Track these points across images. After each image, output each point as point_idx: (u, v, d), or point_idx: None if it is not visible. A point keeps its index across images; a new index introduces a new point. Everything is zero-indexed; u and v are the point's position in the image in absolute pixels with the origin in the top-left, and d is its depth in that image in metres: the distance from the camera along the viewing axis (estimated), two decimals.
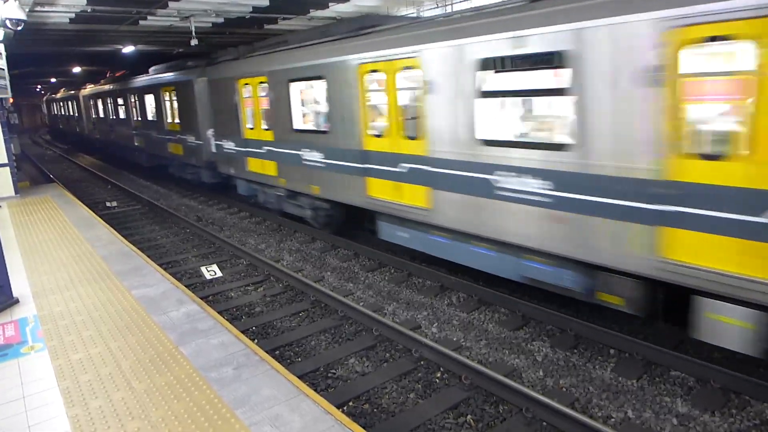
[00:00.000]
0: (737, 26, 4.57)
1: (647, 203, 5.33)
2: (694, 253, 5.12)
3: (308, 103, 11.31)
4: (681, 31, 4.90)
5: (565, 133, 6.14)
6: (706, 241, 5.02)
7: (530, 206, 6.49)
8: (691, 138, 5.15)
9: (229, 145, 13.99)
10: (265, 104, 12.16)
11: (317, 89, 10.80)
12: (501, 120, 7.35)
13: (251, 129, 12.87)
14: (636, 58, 5.23)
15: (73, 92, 36.12)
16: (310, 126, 11.14)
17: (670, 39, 4.97)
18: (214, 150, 15.13)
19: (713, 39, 4.76)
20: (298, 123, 11.15)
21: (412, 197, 8.40)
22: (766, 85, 4.48)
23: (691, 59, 5.02)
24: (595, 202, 5.82)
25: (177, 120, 17.47)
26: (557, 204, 6.17)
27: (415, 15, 15.15)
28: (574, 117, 5.85)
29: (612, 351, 6.47)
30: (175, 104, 17.44)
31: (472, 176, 7.23)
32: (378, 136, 8.93)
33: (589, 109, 5.72)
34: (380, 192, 9.07)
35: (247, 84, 12.65)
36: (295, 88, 10.99)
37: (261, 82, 11.97)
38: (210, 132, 15.27)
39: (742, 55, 4.85)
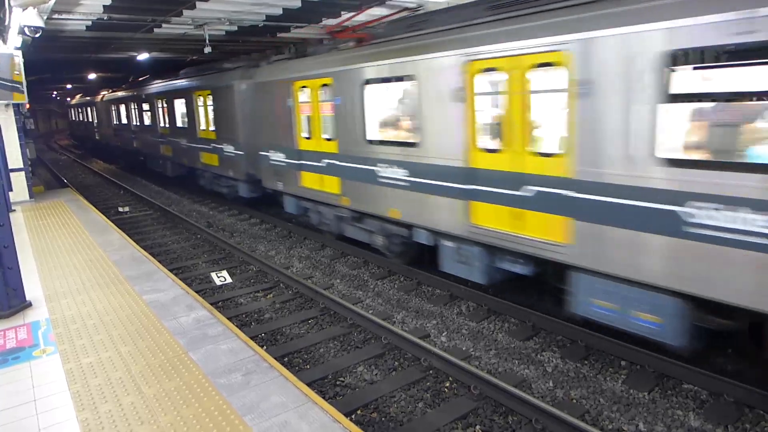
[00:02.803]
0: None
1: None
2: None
3: (390, 109, 9.52)
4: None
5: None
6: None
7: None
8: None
9: (277, 157, 12.43)
10: (327, 110, 10.52)
11: (404, 93, 9.15)
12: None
13: (307, 139, 11.30)
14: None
15: (91, 98, 34.83)
16: (391, 137, 9.29)
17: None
18: (257, 162, 13.57)
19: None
20: (373, 133, 9.43)
21: (543, 229, 6.60)
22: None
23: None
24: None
25: (212, 127, 16.07)
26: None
27: None
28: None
29: (623, 363, 6.40)
30: (211, 110, 15.95)
31: (647, 207, 5.50)
32: (492, 151, 7.13)
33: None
34: (491, 219, 7.23)
35: (304, 87, 11.11)
36: (372, 92, 9.29)
37: (324, 85, 10.41)
38: (253, 141, 13.82)
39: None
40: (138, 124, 23.78)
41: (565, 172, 6.17)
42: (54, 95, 57.73)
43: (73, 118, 47.09)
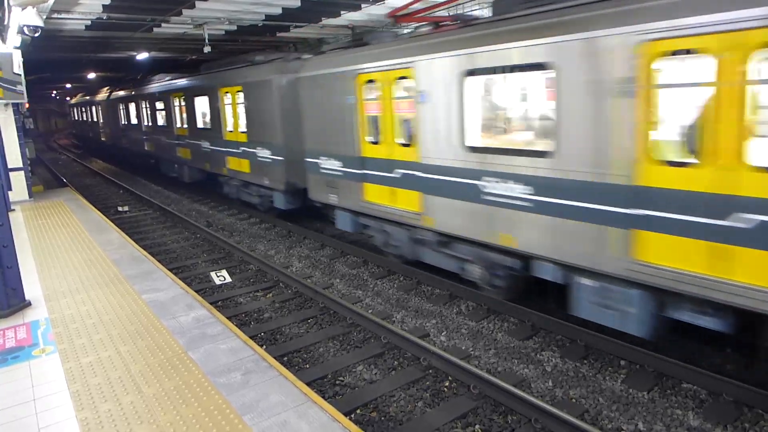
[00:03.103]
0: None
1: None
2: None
3: (504, 107, 7.91)
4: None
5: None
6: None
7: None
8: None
9: (330, 165, 10.55)
10: (404, 109, 8.79)
11: (531, 86, 7.50)
12: None
13: (374, 144, 9.36)
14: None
15: (96, 96, 32.27)
16: (504, 143, 7.57)
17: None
18: (301, 169, 11.80)
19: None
20: (475, 138, 7.58)
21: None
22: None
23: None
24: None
25: (242, 129, 14.03)
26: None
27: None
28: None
29: (622, 362, 6.41)
30: (241, 109, 13.92)
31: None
32: (681, 165, 5.28)
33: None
34: (674, 257, 5.41)
35: (372, 81, 9.14)
36: (476, 85, 7.48)
37: (400, 78, 8.55)
38: (296, 146, 12.04)
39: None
40: (150, 124, 21.93)
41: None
42: (53, 95, 57.73)
43: (76, 118, 44.12)
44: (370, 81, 9.22)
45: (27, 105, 17.25)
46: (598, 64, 5.77)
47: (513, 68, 6.75)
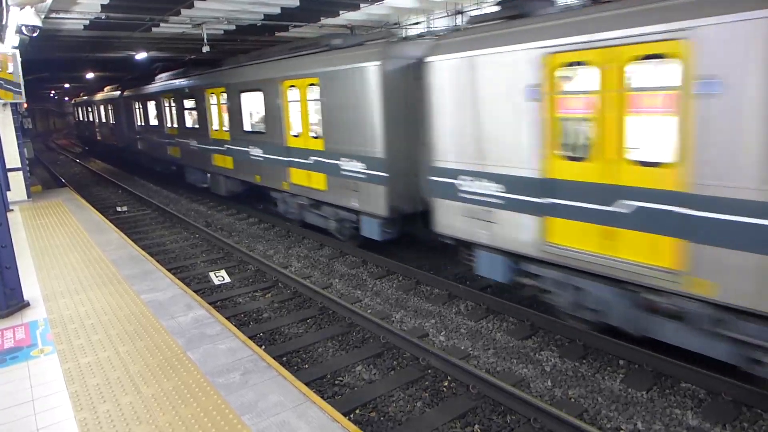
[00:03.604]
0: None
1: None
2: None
3: None
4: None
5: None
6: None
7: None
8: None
9: (481, 188, 7.45)
10: (650, 108, 5.78)
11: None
12: None
13: (573, 160, 6.27)
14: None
15: (104, 94, 29.51)
16: None
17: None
18: (412, 189, 9.32)
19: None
20: None
21: None
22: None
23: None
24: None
25: (316, 133, 11.05)
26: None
27: (424, 23, 15.21)
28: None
29: (621, 362, 6.41)
30: (315, 107, 10.96)
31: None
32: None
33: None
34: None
35: (578, 64, 6.13)
36: None
37: (647, 57, 5.45)
38: (406, 158, 9.31)
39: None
40: (174, 125, 19.06)
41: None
42: (52, 95, 57.68)
43: (81, 118, 40.11)
44: (576, 63, 6.19)
45: (26, 105, 17.23)
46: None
47: None
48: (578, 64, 6.14)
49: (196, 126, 17.11)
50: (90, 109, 34.90)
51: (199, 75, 16.86)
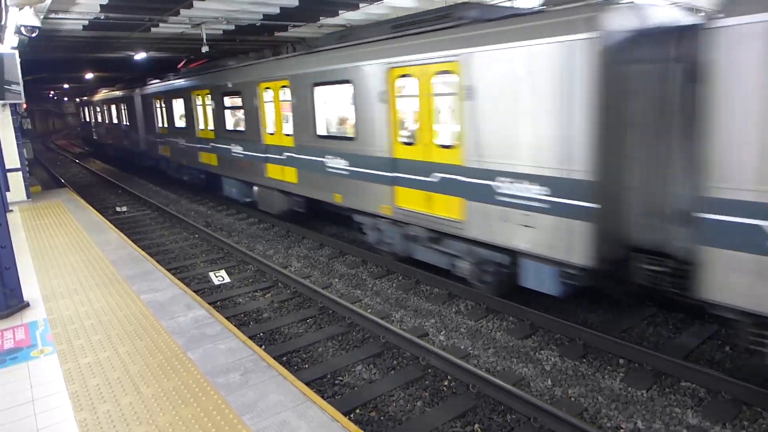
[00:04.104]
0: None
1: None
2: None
3: None
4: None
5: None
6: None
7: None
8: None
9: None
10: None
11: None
12: None
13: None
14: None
15: (120, 91, 25.60)
16: None
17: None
18: (632, 228, 6.37)
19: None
20: None
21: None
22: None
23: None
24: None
25: (450, 140, 8.13)
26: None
27: None
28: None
29: (621, 361, 6.41)
30: (450, 103, 8.21)
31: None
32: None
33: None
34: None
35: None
36: None
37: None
38: (623, 180, 6.34)
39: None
40: (208, 127, 15.98)
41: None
42: (51, 95, 57.67)
43: (87, 119, 36.37)
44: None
45: (25, 105, 17.22)
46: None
47: None
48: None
49: (240, 129, 14.23)
50: (98, 109, 31.44)
51: (249, 66, 13.73)
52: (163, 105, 19.65)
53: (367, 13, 14.13)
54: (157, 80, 20.82)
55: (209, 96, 15.46)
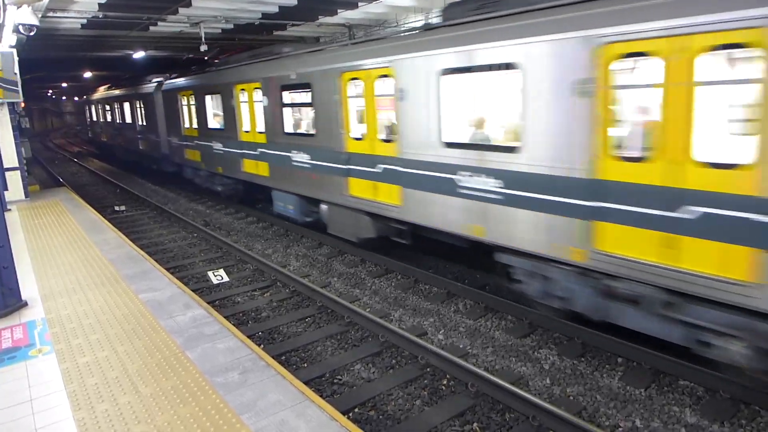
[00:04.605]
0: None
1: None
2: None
3: None
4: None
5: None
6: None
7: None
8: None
9: None
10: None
11: None
12: None
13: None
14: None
15: (138, 88, 22.15)
16: None
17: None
18: None
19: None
20: None
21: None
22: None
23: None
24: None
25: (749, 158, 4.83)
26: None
27: (423, 22, 15.20)
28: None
29: (620, 359, 6.42)
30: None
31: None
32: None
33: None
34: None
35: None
36: None
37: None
38: None
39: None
40: (256, 129, 13.13)
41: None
42: (49, 94, 57.58)
43: (95, 118, 32.79)
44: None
45: (23, 104, 17.18)
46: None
47: None
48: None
49: (305, 132, 11.59)
50: (108, 108, 28.28)
51: (326, 51, 10.76)
52: (193, 102, 16.49)
53: (365, 12, 14.13)
54: (182, 73, 18.49)
55: (260, 90, 12.43)
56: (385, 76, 8.81)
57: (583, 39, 5.82)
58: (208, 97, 15.65)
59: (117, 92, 26.23)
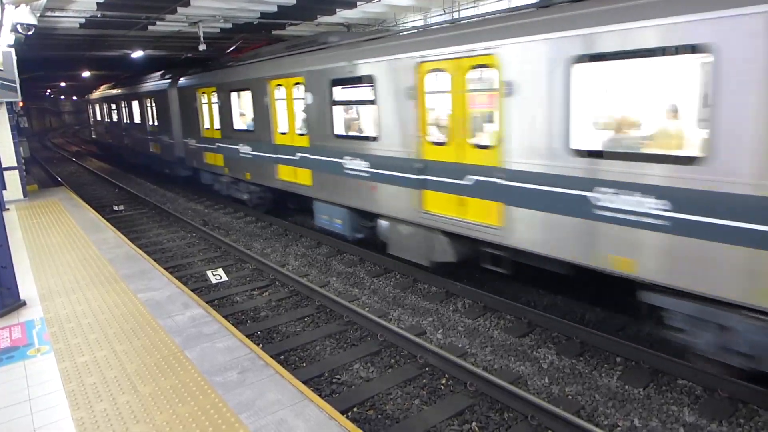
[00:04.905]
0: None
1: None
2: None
3: None
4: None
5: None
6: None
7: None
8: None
9: None
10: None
11: None
12: None
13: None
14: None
15: (149, 86, 20.41)
16: None
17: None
18: None
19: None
20: None
21: None
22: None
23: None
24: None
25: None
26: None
27: (421, 22, 15.20)
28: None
29: (618, 359, 6.43)
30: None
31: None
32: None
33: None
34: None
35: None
36: None
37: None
38: None
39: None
40: (295, 132, 11.43)
41: None
42: (48, 93, 57.48)
43: (99, 118, 30.45)
44: None
45: (21, 104, 17.15)
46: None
47: None
48: None
49: (360, 134, 10.08)
50: (113, 107, 26.26)
51: (403, 39, 8.88)
52: (215, 100, 14.83)
53: (364, 11, 14.12)
54: (203, 68, 16.75)
55: (302, 86, 10.81)
56: (484, 65, 7.09)
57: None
58: (234, 95, 13.89)
59: (125, 89, 24.24)
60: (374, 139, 9.15)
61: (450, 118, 7.76)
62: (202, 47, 14.96)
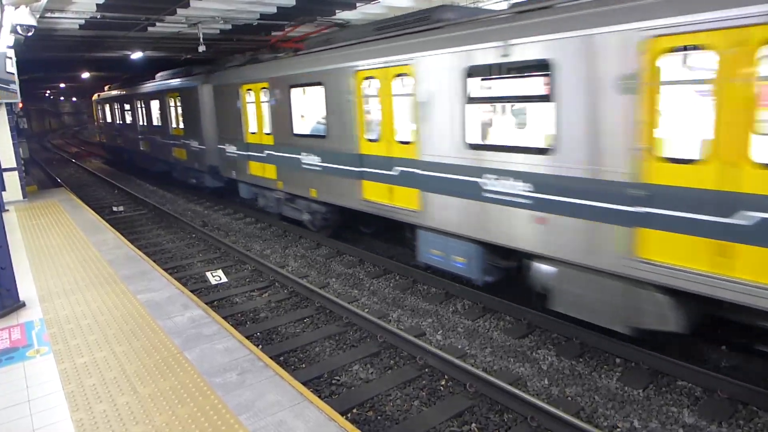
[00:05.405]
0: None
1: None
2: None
3: None
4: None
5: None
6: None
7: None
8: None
9: None
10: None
11: None
12: None
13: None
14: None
15: (175, 82, 17.95)
16: None
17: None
18: None
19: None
20: None
21: None
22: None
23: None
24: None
25: None
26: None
27: None
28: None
29: (618, 360, 6.43)
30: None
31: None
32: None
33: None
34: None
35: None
36: None
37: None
38: None
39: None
40: (394, 138, 8.84)
41: None
42: (47, 94, 57.49)
43: (110, 119, 27.46)
44: None
45: (21, 105, 17.15)
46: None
47: None
48: None
49: (516, 143, 7.23)
50: (127, 107, 23.63)
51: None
52: (266, 98, 12.31)
53: (363, 13, 14.12)
54: (251, 59, 14.06)
55: (411, 79, 8.25)
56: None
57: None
58: (294, 91, 11.27)
59: (141, 88, 21.47)
60: (547, 150, 6.40)
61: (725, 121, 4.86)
62: (201, 48, 14.96)
